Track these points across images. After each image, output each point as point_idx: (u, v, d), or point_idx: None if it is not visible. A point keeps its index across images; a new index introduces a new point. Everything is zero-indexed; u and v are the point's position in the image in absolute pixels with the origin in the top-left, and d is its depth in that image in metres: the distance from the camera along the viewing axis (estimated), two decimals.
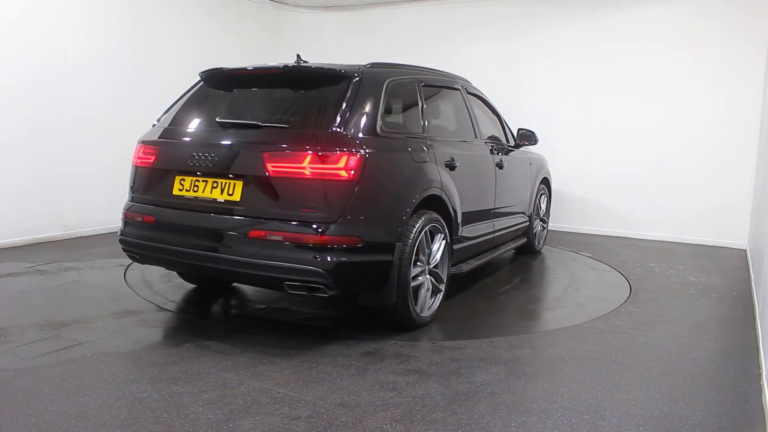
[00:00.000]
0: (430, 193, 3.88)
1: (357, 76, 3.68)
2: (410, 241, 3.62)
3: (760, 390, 3.06)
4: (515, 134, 5.70)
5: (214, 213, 3.51)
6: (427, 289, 3.90)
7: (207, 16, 7.89)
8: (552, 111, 7.76)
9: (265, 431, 2.51)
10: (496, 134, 5.38)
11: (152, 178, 3.83)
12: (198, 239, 3.50)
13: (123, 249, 3.92)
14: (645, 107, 7.30)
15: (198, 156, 3.58)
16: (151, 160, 3.83)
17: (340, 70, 3.71)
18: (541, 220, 6.43)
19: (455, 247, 4.26)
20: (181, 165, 3.66)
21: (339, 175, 3.30)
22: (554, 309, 4.57)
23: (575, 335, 3.86)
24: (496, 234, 5.09)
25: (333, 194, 3.30)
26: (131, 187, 3.97)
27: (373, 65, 3.97)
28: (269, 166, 3.35)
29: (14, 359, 3.19)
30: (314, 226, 3.27)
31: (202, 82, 4.11)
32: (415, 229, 3.66)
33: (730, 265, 6.09)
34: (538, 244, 6.40)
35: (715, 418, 2.75)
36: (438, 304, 4.03)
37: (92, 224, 6.54)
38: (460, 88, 4.92)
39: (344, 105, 3.52)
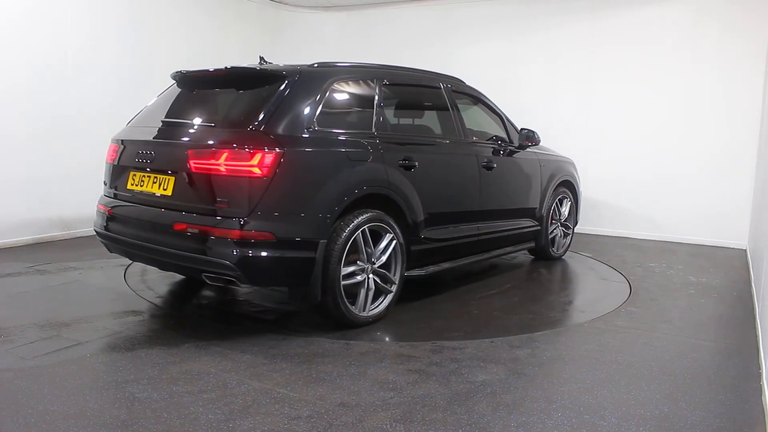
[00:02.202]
0: (372, 192, 3.86)
1: (292, 77, 3.77)
2: (340, 239, 3.64)
3: (760, 390, 3.06)
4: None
5: (153, 206, 3.77)
6: (369, 289, 3.88)
7: (207, 16, 7.90)
8: (552, 111, 7.76)
9: (265, 431, 2.51)
10: (497, 135, 5.27)
11: (115, 173, 4.13)
12: (141, 230, 3.80)
13: (99, 240, 4.23)
14: (645, 107, 7.31)
15: (144, 153, 3.85)
16: (115, 157, 4.14)
17: (276, 71, 3.83)
18: (563, 225, 6.10)
19: (414, 248, 4.21)
20: (133, 162, 3.93)
21: (251, 171, 3.38)
22: (523, 316, 4.32)
23: (575, 335, 3.86)
24: (483, 237, 4.96)
25: (245, 190, 3.39)
26: (104, 182, 4.27)
27: (320, 65, 4.06)
28: (192, 162, 3.52)
29: (14, 359, 3.19)
30: (225, 220, 3.41)
31: (174, 83, 4.29)
32: (348, 228, 3.67)
33: (730, 265, 6.09)
34: (557, 250, 6.08)
35: (715, 418, 2.75)
36: (386, 304, 4.00)
37: (92, 224, 6.53)
38: (441, 87, 4.81)
39: (271, 104, 3.63)
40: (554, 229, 5.99)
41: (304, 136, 3.64)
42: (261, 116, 3.57)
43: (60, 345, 3.41)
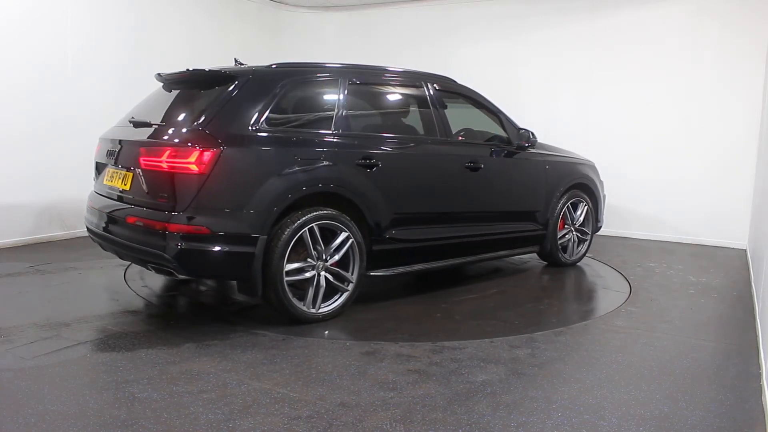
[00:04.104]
0: (321, 190, 3.91)
1: (244, 78, 3.91)
2: (284, 235, 3.71)
3: (760, 390, 3.06)
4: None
5: (117, 200, 4.03)
6: (320, 287, 3.91)
7: (207, 16, 7.89)
8: (551, 111, 7.75)
9: (265, 431, 2.51)
10: (497, 135, 5.19)
11: (98, 170, 4.41)
12: (108, 222, 4.04)
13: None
14: (645, 107, 7.30)
15: (114, 151, 4.12)
16: (97, 154, 4.44)
17: (229, 72, 3.96)
18: (577, 230, 5.76)
19: (377, 248, 4.21)
20: (106, 159, 4.21)
21: (189, 168, 3.56)
22: (486, 322, 4.08)
23: (575, 335, 3.86)
24: (467, 240, 4.84)
25: (182, 186, 3.58)
26: (93, 178, 4.52)
27: (277, 66, 4.16)
28: (141, 160, 3.74)
29: (14, 359, 3.19)
30: (164, 214, 3.60)
31: (161, 85, 4.47)
32: (293, 225, 3.74)
33: (730, 265, 6.09)
34: (569, 256, 5.75)
35: (715, 418, 2.75)
36: (341, 303, 4.01)
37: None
38: (423, 86, 4.72)
39: (217, 104, 3.80)
40: (566, 234, 5.67)
41: (247, 135, 3.76)
42: (205, 116, 3.74)
43: (60, 345, 3.41)
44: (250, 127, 3.76)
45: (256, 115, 3.81)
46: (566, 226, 5.70)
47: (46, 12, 6.01)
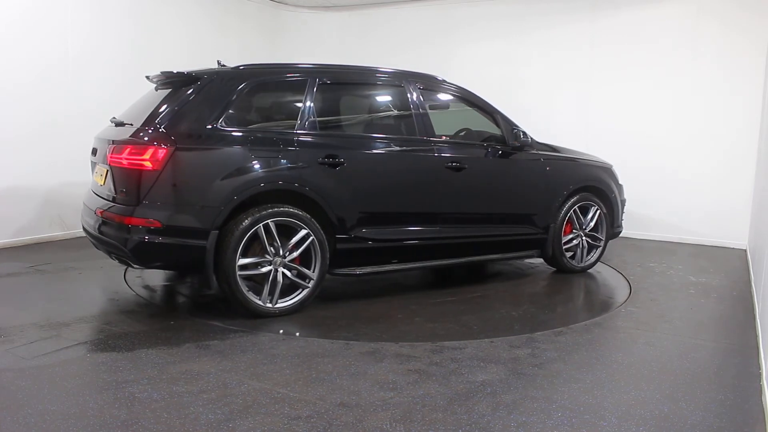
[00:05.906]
0: (278, 187, 4.01)
1: (207, 79, 4.08)
2: (237, 230, 3.84)
3: (760, 390, 3.06)
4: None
5: (97, 195, 4.24)
6: (278, 282, 3.97)
7: (206, 16, 7.89)
8: (551, 111, 7.74)
9: (265, 431, 2.51)
10: (494, 135, 5.07)
11: (91, 168, 4.59)
12: (88, 216, 4.23)
13: None
14: (644, 107, 7.30)
15: (96, 149, 4.36)
16: (90, 153, 4.61)
17: (193, 74, 4.12)
18: (587, 235, 5.47)
19: (342, 246, 4.23)
20: (94, 157, 4.44)
21: (143, 165, 3.76)
22: (442, 325, 3.98)
23: (575, 335, 3.86)
24: (449, 241, 4.73)
25: (137, 181, 3.79)
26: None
27: (243, 67, 4.28)
28: (110, 157, 3.93)
29: (14, 359, 3.20)
30: (122, 207, 3.84)
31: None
32: (246, 221, 3.86)
33: (730, 265, 6.09)
34: (578, 262, 5.45)
35: (715, 418, 2.75)
36: (300, 299, 4.07)
37: None
38: (404, 86, 4.64)
39: (177, 104, 3.99)
40: (573, 238, 5.39)
41: (203, 133, 3.91)
42: (165, 115, 3.93)
43: (60, 345, 3.41)
44: (207, 126, 3.92)
45: (215, 114, 3.96)
46: (574, 230, 5.41)
47: (47, 12, 6.01)
